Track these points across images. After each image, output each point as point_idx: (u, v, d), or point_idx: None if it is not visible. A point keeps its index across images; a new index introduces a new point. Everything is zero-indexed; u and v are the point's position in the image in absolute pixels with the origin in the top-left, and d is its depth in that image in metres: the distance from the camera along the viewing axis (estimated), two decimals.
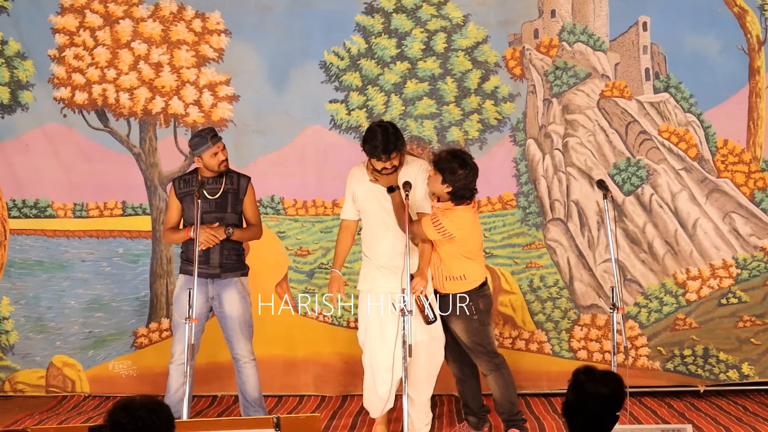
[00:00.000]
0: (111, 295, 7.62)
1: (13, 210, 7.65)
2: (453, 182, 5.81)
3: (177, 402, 6.01)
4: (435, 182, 5.87)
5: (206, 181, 6.06)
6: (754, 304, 7.30)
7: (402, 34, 7.48)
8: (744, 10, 7.32)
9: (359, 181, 6.03)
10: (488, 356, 5.97)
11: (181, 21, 7.57)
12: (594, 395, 3.51)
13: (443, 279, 5.93)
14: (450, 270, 5.91)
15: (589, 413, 3.50)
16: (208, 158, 6.01)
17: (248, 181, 6.19)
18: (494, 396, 6.02)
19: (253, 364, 6.15)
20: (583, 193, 7.42)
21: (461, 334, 5.96)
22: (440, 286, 5.95)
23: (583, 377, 3.57)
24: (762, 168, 7.34)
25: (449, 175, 5.81)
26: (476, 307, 5.93)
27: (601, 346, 7.37)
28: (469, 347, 5.96)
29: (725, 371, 7.30)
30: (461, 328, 5.94)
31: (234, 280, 6.08)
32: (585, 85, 7.48)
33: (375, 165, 5.86)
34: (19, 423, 6.67)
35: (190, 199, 6.01)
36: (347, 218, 6.12)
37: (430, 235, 5.83)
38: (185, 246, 6.10)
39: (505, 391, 5.98)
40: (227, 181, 6.09)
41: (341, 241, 6.11)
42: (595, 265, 7.40)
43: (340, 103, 7.51)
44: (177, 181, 6.20)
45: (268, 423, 4.35)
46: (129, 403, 3.40)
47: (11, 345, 7.61)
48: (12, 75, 7.61)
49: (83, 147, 7.63)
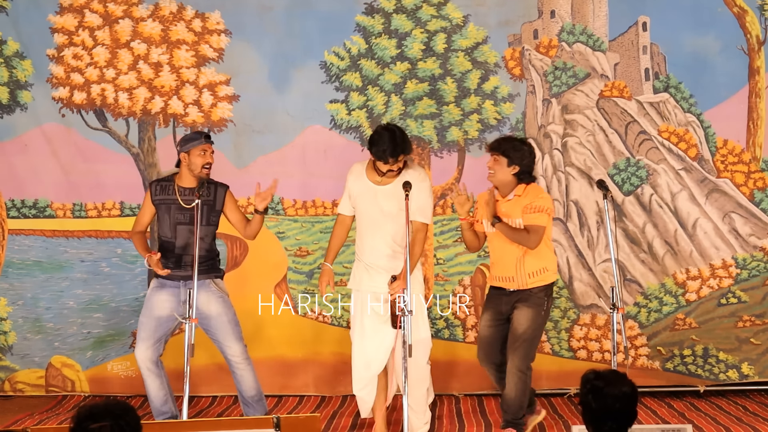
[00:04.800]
0: (110, 296, 7.61)
1: (12, 210, 7.64)
2: (520, 159, 5.89)
3: (162, 404, 6.07)
4: (500, 168, 5.91)
5: (182, 191, 6.00)
6: (753, 304, 7.31)
7: (402, 34, 7.48)
8: (744, 10, 7.33)
9: (357, 178, 6.07)
10: (530, 356, 5.97)
11: (180, 21, 7.56)
12: (619, 397, 3.48)
13: (526, 276, 5.94)
14: (533, 265, 5.93)
15: (619, 415, 3.47)
16: (195, 156, 5.96)
17: (225, 190, 6.13)
18: (508, 394, 5.96)
19: (248, 363, 6.14)
20: (583, 192, 7.42)
21: (524, 323, 5.91)
22: (523, 283, 5.95)
23: (600, 383, 3.51)
24: (762, 168, 7.35)
25: (514, 152, 5.89)
26: (548, 304, 6.00)
27: (600, 345, 7.37)
28: (521, 340, 5.91)
29: (725, 371, 7.31)
30: (529, 316, 5.91)
31: (207, 282, 6.01)
32: (584, 86, 7.49)
33: (381, 168, 5.90)
34: (19, 423, 6.66)
35: (165, 208, 6.00)
36: (343, 213, 6.17)
37: (543, 221, 5.86)
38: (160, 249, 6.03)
39: (521, 394, 5.96)
40: (204, 193, 5.94)
41: (335, 235, 6.16)
42: (594, 265, 7.40)
43: (340, 103, 7.51)
44: (154, 185, 6.12)
45: (268, 423, 4.35)
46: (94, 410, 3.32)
47: (10, 346, 7.59)
48: (11, 75, 7.60)
49: (82, 147, 7.62)
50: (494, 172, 5.95)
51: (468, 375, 7.39)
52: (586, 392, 3.54)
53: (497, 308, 6.05)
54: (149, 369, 6.02)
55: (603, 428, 3.48)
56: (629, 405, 3.49)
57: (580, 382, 3.60)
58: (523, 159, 5.90)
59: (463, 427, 6.48)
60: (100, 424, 3.29)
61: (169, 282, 6.00)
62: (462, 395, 7.36)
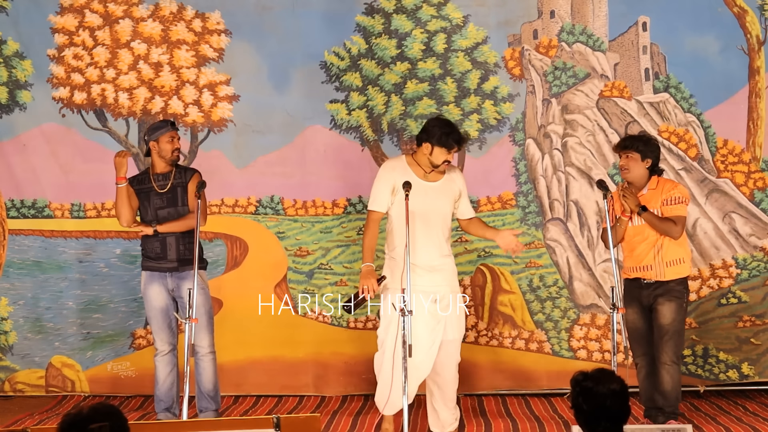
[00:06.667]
0: (109, 296, 7.60)
1: (12, 210, 7.64)
2: (652, 152, 6.13)
3: (167, 391, 6.37)
4: (635, 164, 6.11)
5: (156, 177, 6.36)
6: (753, 304, 7.31)
7: (402, 34, 7.48)
8: (744, 10, 7.33)
9: (402, 174, 5.94)
10: (680, 347, 6.15)
11: (181, 21, 7.56)
12: (609, 395, 3.46)
13: (664, 266, 6.09)
14: (671, 254, 6.08)
15: (612, 414, 3.45)
16: (163, 143, 6.31)
17: (194, 173, 6.43)
18: (665, 387, 6.10)
19: (212, 357, 6.38)
20: (583, 192, 7.42)
21: (669, 316, 6.06)
22: (660, 273, 6.08)
23: (589, 383, 3.48)
24: (762, 168, 7.35)
25: (645, 146, 6.13)
26: (687, 296, 6.16)
27: (600, 345, 7.37)
28: (670, 332, 6.06)
29: (725, 371, 7.31)
30: (672, 310, 6.06)
31: (191, 273, 6.11)
32: (584, 86, 7.49)
33: (438, 158, 5.92)
34: (19, 423, 6.65)
35: (143, 196, 6.35)
36: (379, 210, 6.00)
37: (684, 212, 6.12)
38: (144, 243, 6.40)
39: (677, 385, 6.12)
40: (176, 175, 6.37)
41: (372, 235, 5.98)
42: (594, 265, 7.41)
43: (340, 103, 7.51)
44: (132, 180, 6.43)
45: (268, 423, 4.34)
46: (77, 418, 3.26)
47: (10, 345, 7.59)
48: (10, 75, 7.60)
49: (81, 147, 7.61)
50: (629, 169, 6.14)
51: (469, 375, 7.38)
52: (576, 395, 3.51)
53: (639, 300, 6.18)
54: (163, 357, 6.37)
55: (598, 429, 3.46)
56: (621, 402, 3.47)
57: (570, 385, 3.57)
58: (654, 152, 6.15)
59: (462, 427, 6.48)
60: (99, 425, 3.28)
61: (156, 273, 6.34)
62: (462, 395, 7.35)
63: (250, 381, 7.47)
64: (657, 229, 6.07)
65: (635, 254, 6.18)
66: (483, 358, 7.44)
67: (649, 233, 6.11)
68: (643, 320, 6.20)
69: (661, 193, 6.13)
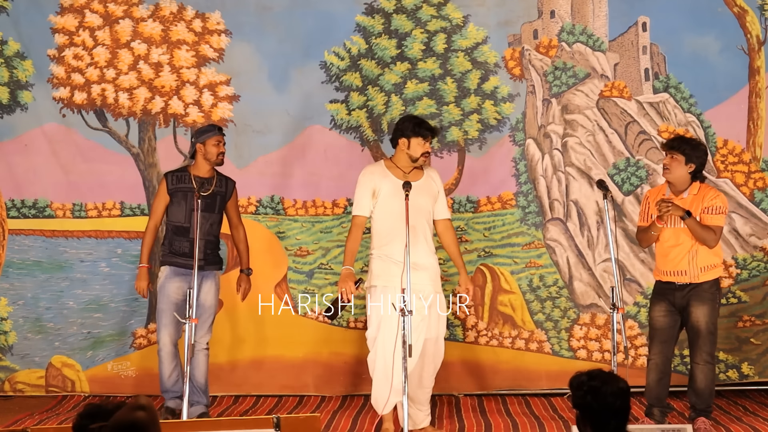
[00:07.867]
0: (109, 296, 7.60)
1: (12, 210, 7.64)
2: (698, 158, 6.07)
3: (173, 384, 6.49)
4: (678, 166, 6.07)
5: (198, 179, 6.46)
6: (753, 304, 7.32)
7: (402, 34, 7.48)
8: (744, 10, 7.33)
9: (382, 177, 6.09)
10: (714, 347, 6.18)
11: (181, 21, 7.56)
12: (618, 393, 3.47)
13: (698, 270, 6.09)
14: (706, 259, 6.08)
15: (619, 412, 3.47)
16: (210, 145, 6.46)
17: (234, 185, 6.65)
18: (699, 386, 6.15)
19: (206, 353, 6.53)
20: (583, 192, 7.43)
21: (703, 319, 6.08)
22: (694, 276, 6.09)
23: (596, 383, 3.49)
24: (762, 168, 7.35)
25: (692, 151, 6.07)
26: (719, 295, 6.21)
27: (600, 345, 7.37)
28: (704, 333, 6.09)
29: (725, 371, 7.31)
30: (706, 312, 6.08)
31: (213, 273, 6.55)
32: (584, 86, 7.49)
33: (416, 150, 6.03)
34: (19, 423, 6.65)
35: (181, 195, 6.44)
36: (362, 214, 6.14)
37: (723, 222, 6.12)
38: (170, 239, 6.50)
39: (711, 383, 6.18)
40: (217, 183, 6.52)
41: (354, 239, 6.14)
42: (594, 265, 7.41)
43: (340, 103, 7.52)
44: (169, 176, 6.54)
45: (268, 423, 4.36)
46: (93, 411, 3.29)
47: (10, 345, 7.59)
48: (11, 75, 7.60)
49: (82, 147, 7.62)
50: (671, 170, 6.11)
51: (468, 375, 7.40)
52: (583, 394, 3.50)
53: (669, 299, 6.17)
54: (169, 352, 6.49)
55: (607, 428, 3.46)
56: (627, 401, 3.49)
57: (572, 386, 3.56)
58: (700, 158, 6.10)
59: (463, 427, 6.48)
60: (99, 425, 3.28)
61: (183, 270, 6.41)
62: (462, 395, 7.36)
63: (250, 381, 7.47)
64: (696, 236, 6.03)
65: (669, 258, 6.15)
66: (483, 358, 7.44)
67: (684, 239, 6.07)
68: (668, 319, 6.18)
69: (702, 201, 6.09)
